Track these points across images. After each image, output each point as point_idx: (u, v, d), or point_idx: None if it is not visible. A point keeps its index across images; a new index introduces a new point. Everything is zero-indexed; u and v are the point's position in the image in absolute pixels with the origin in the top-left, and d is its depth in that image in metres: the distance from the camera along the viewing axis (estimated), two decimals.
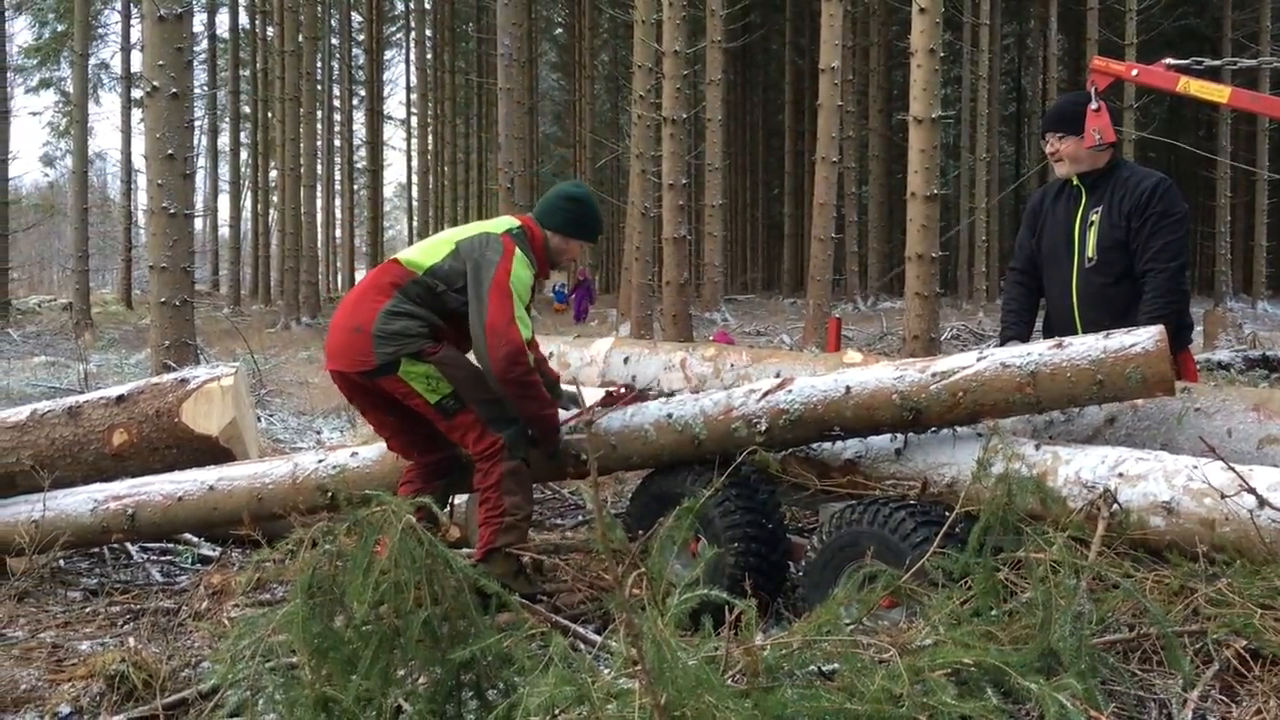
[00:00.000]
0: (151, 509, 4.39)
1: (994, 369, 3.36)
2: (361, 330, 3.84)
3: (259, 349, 15.28)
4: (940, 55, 10.95)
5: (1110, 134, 4.08)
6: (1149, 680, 2.34)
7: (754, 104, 42.20)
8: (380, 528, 2.46)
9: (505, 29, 20.75)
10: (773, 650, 2.39)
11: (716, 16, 20.04)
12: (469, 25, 41.78)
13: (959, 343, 16.63)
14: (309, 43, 26.82)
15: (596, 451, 3.70)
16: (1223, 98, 4.49)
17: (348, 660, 2.49)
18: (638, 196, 17.01)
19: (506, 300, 3.79)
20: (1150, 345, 3.19)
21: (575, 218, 4.18)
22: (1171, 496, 3.01)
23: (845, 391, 3.56)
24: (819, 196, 15.85)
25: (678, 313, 15.34)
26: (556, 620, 3.28)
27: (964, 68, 29.06)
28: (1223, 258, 29.51)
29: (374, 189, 37.90)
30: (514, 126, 21.75)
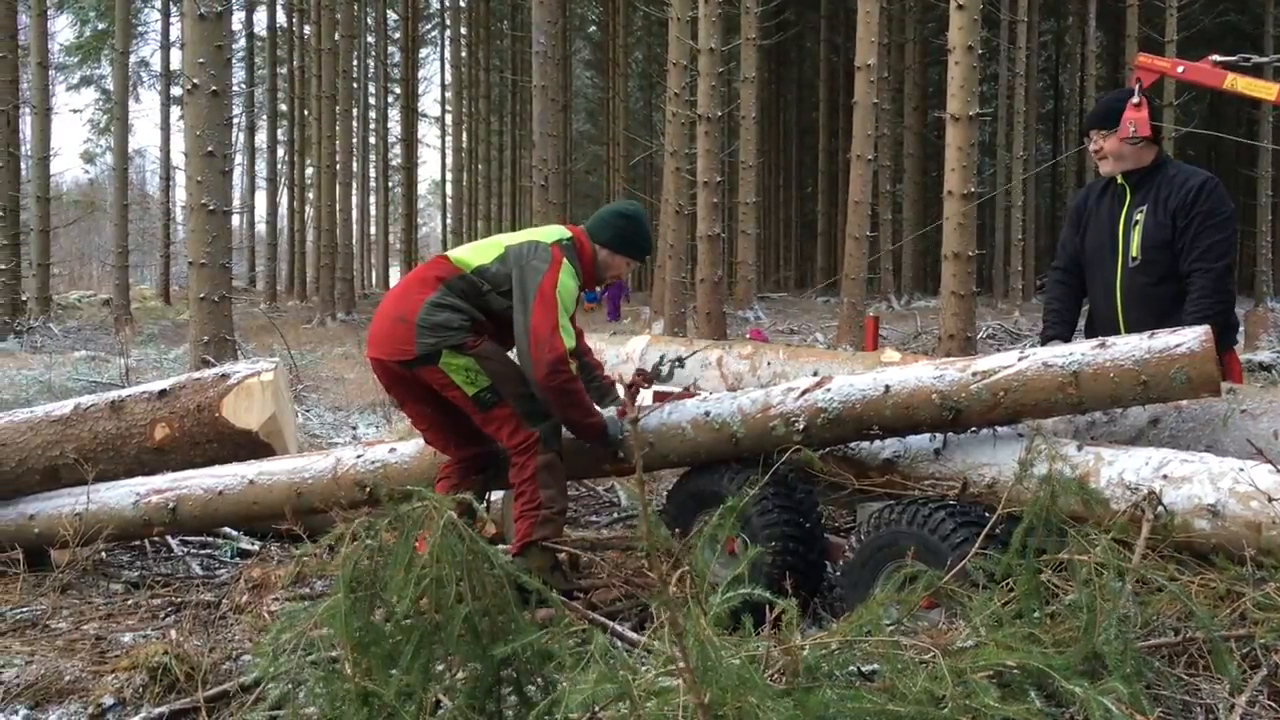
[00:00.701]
0: (192, 503, 4.44)
1: (1036, 368, 3.31)
2: (405, 320, 3.90)
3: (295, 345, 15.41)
4: (978, 52, 10.88)
5: (1146, 128, 4.02)
6: (1195, 685, 2.31)
7: (788, 101, 42.08)
8: (421, 523, 2.47)
9: (540, 26, 20.81)
10: (812, 650, 2.38)
11: (751, 14, 19.99)
12: (504, 23, 41.89)
13: (994, 342, 16.51)
14: (345, 41, 26.98)
15: (641, 449, 3.69)
16: (1270, 94, 4.42)
17: (388, 655, 2.51)
18: (672, 194, 17.00)
19: (551, 309, 3.83)
20: (1196, 345, 3.14)
21: (626, 235, 4.22)
22: (1217, 499, 2.98)
23: (884, 391, 3.52)
24: (854, 194, 15.78)
25: (711, 310, 15.33)
26: (594, 617, 3.28)
27: (1001, 65, 28.82)
28: (1264, 257, 29.11)
29: (408, 186, 38.11)
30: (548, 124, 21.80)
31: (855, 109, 15.79)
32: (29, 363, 13.59)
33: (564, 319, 3.87)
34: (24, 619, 3.98)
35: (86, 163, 47.32)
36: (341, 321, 24.50)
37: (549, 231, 4.15)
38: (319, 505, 4.25)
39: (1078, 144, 30.33)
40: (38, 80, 21.59)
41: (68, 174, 52.61)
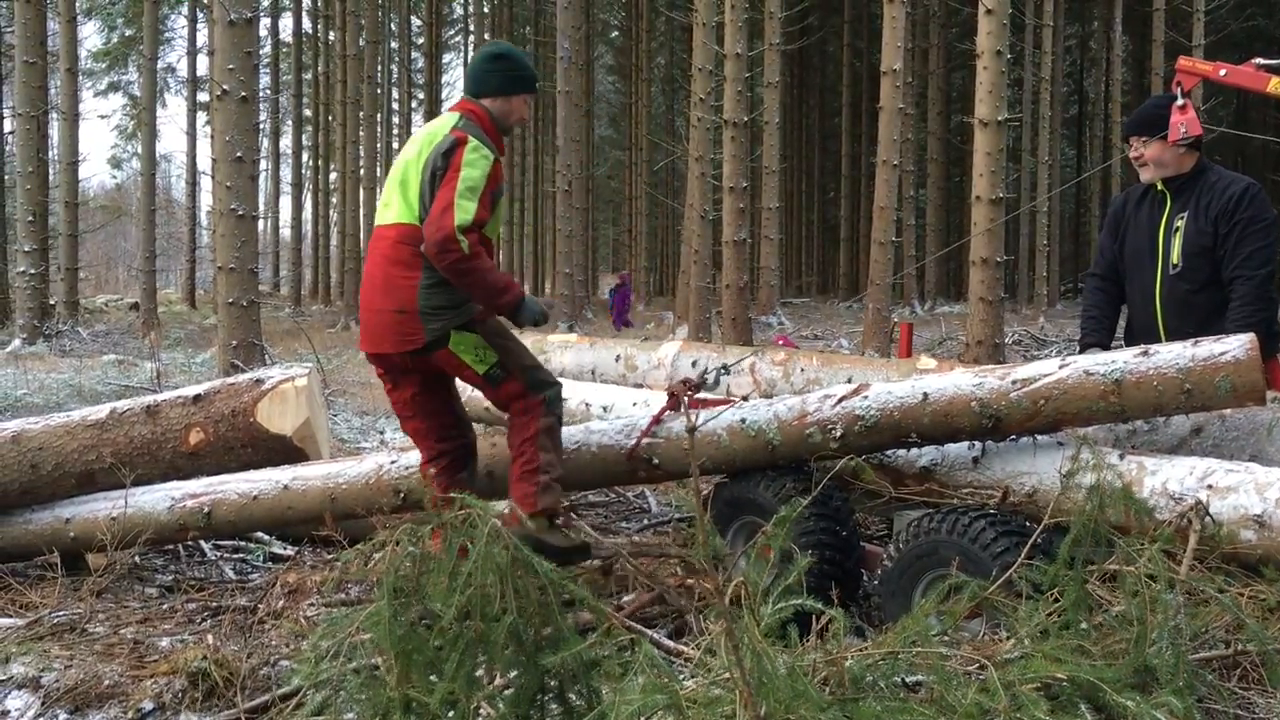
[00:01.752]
0: (227, 507, 4.46)
1: (1077, 376, 3.27)
2: (406, 311, 3.81)
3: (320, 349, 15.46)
4: (1006, 57, 10.83)
5: (1197, 127, 3.99)
6: (1248, 699, 2.28)
7: (810, 107, 42.03)
8: (465, 530, 2.46)
9: (564, 32, 20.88)
10: (857, 660, 2.37)
11: (775, 19, 19.98)
12: (526, 29, 42.00)
13: (1020, 348, 16.42)
14: (370, 46, 27.11)
15: (699, 459, 3.68)
16: None
17: (430, 662, 2.51)
18: (696, 199, 17.00)
19: (449, 188, 3.70)
20: (1241, 354, 3.09)
21: (507, 74, 4.02)
22: (1264, 510, 2.94)
23: (923, 398, 3.49)
24: (879, 200, 15.73)
25: (737, 316, 15.31)
26: (632, 626, 3.27)
27: (1026, 70, 28.70)
28: None
29: None
30: (572, 129, 21.87)
31: (881, 114, 15.74)
32: (58, 366, 13.69)
33: (464, 197, 3.69)
34: (62, 623, 4.00)
35: (113, 168, 47.65)
36: None
37: (442, 123, 3.94)
38: (355, 510, 4.25)
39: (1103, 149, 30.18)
40: (66, 86, 21.75)
41: (95, 179, 53.07)
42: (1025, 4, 27.39)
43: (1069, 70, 38.33)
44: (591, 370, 5.59)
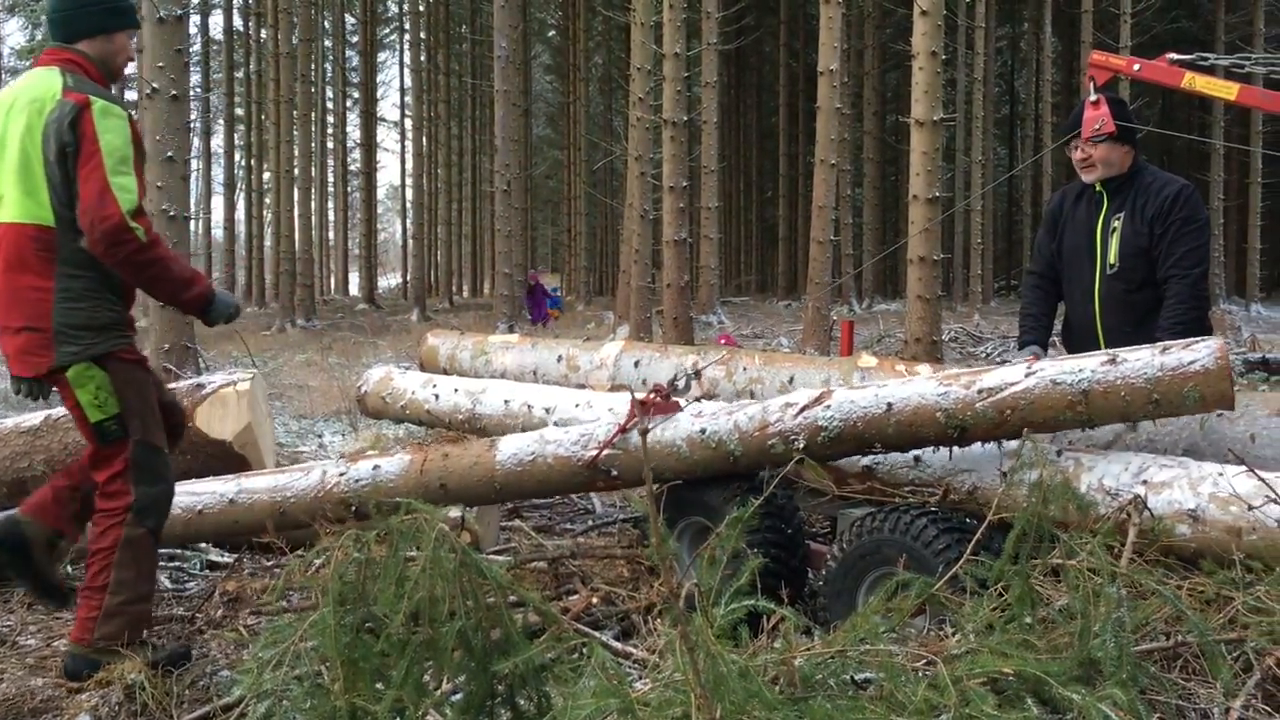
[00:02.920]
0: (171, 521, 4.29)
1: (1044, 386, 3.21)
2: (38, 329, 3.18)
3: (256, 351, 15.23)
4: (941, 58, 10.97)
5: (1110, 124, 4.05)
6: (1189, 690, 2.33)
7: (748, 106, 42.25)
8: (412, 535, 2.43)
9: (502, 31, 20.78)
10: (808, 659, 2.37)
11: (712, 19, 20.04)
12: (463, 27, 41.73)
13: (957, 345, 16.64)
14: (303, 45, 26.76)
15: (650, 463, 3.64)
16: (1230, 94, 4.39)
17: (377, 670, 2.47)
18: (636, 199, 17.00)
19: (96, 170, 3.09)
20: (1210, 363, 3.04)
21: (102, 9, 3.36)
22: (1197, 504, 3.01)
23: (887, 409, 3.42)
24: (818, 199, 15.84)
25: (678, 315, 15.33)
26: (578, 628, 3.25)
27: (959, 70, 29.11)
28: (1217, 260, 29.58)
29: (367, 191, 37.86)
30: (509, 128, 21.77)
31: (818, 114, 15.86)
32: None
33: (117, 174, 3.12)
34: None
35: None
36: (302, 328, 24.27)
37: (43, 85, 3.23)
38: (304, 522, 4.16)
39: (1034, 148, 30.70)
40: None
41: None
42: (958, 5, 27.79)
43: (1000, 71, 38.96)
44: (533, 371, 5.57)
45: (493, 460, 3.96)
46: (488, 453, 4.01)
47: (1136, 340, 3.90)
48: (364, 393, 6.03)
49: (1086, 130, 4.09)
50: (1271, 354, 12.45)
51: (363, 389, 6.06)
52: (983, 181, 27.27)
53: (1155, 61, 4.57)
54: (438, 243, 45.38)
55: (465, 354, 5.99)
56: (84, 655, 3.30)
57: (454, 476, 4.01)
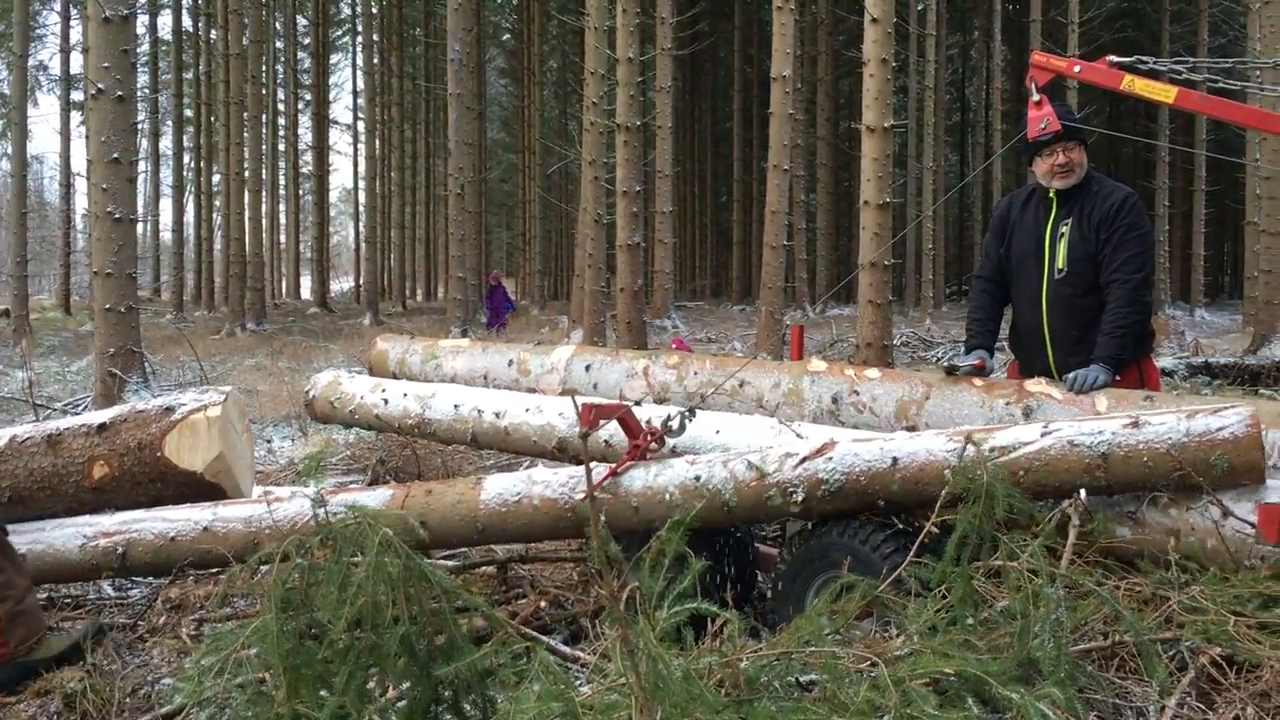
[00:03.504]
0: (143, 548, 4.15)
1: (1060, 447, 3.04)
2: None
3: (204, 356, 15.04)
4: (892, 65, 11.07)
5: (1056, 124, 4.09)
6: (1126, 688, 2.36)
7: (702, 112, 42.40)
8: (356, 541, 2.41)
9: (455, 34, 20.70)
10: (752, 662, 2.39)
11: (666, 24, 20.10)
12: (416, 30, 41.52)
13: (909, 349, 16.79)
14: (254, 46, 26.49)
15: (650, 520, 3.48)
16: (1169, 97, 4.41)
17: (320, 676, 2.45)
18: (590, 203, 17.00)
19: None
20: (1240, 430, 2.88)
21: None
22: (1137, 507, 3.05)
23: (892, 463, 3.24)
24: (771, 204, 15.92)
25: (632, 320, 15.34)
26: (526, 632, 3.24)
27: (910, 78, 29.41)
28: (1162, 266, 30.09)
29: (320, 194, 37.55)
30: (463, 131, 21.68)
31: (771, 119, 15.94)
32: None
33: None
34: None
35: None
36: (252, 332, 24.00)
37: None
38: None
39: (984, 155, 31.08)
40: None
41: None
42: (909, 13, 28.08)
43: (952, 78, 39.40)
44: (484, 375, 5.53)
45: (477, 499, 3.81)
46: (472, 490, 3.85)
47: (1084, 344, 3.98)
48: (312, 397, 5.96)
49: (1032, 130, 4.13)
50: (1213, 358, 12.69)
51: (311, 393, 5.99)
52: (934, 188, 27.56)
53: (1095, 64, 4.59)
54: (391, 246, 45.10)
55: (415, 358, 5.95)
56: (10, 665, 3.30)
57: (435, 514, 3.84)
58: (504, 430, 4.90)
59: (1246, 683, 2.27)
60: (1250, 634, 2.38)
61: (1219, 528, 2.83)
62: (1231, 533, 2.81)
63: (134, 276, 10.45)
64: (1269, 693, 2.21)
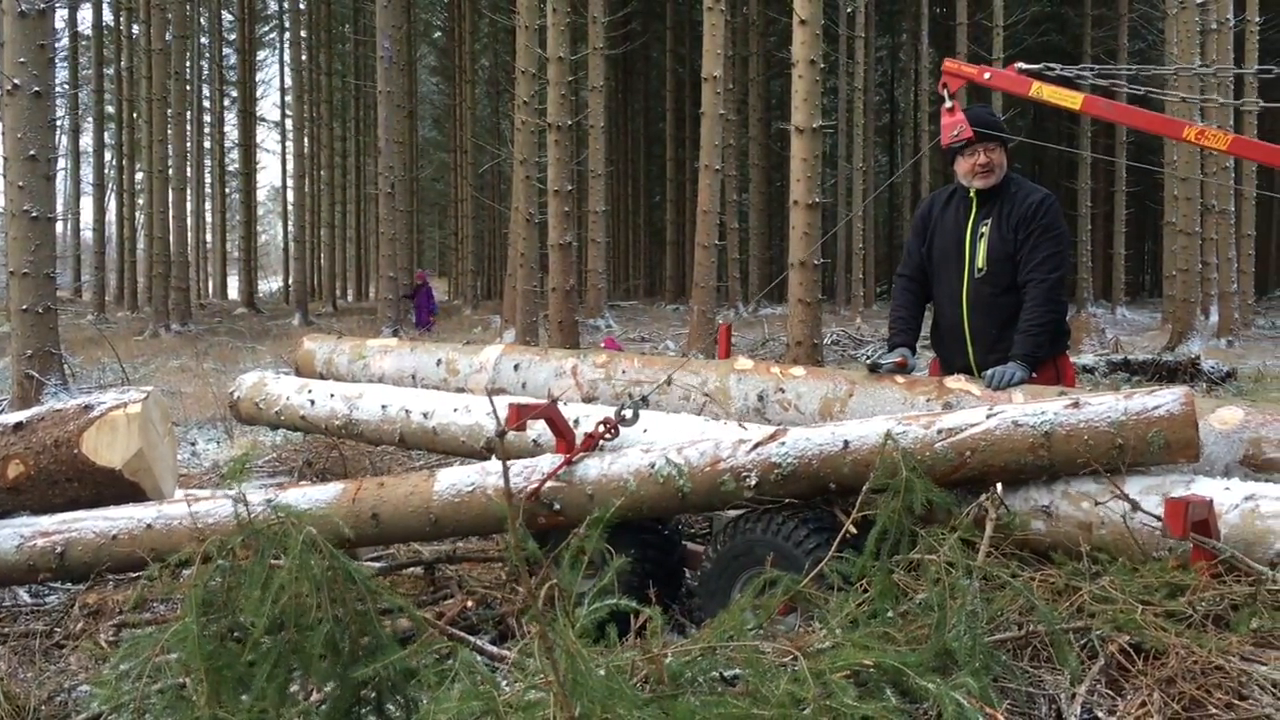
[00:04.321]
0: (83, 548, 4.05)
1: (1005, 427, 3.13)
2: None
3: (127, 357, 14.75)
4: (820, 66, 11.19)
5: (968, 130, 4.18)
6: (1038, 677, 2.42)
7: (635, 111, 42.45)
8: (279, 541, 2.39)
9: (384, 31, 20.51)
10: (676, 657, 2.41)
11: (598, 23, 20.09)
12: (345, 27, 41.01)
13: (839, 348, 16.98)
14: (178, 41, 25.99)
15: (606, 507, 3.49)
16: (1075, 104, 4.52)
17: (241, 678, 2.42)
18: (521, 202, 16.94)
19: None
20: (1175, 408, 2.99)
21: None
22: (1051, 501, 3.13)
23: (843, 446, 3.29)
24: (702, 204, 16.00)
25: (564, 319, 15.32)
26: (452, 632, 3.24)
27: (840, 79, 29.73)
28: (1084, 265, 30.77)
29: (247, 192, 36.96)
30: (394, 130, 21.50)
31: (702, 119, 16.02)
32: None
33: None
34: None
35: None
36: (176, 333, 23.55)
37: None
38: None
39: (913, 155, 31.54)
40: None
41: None
42: (839, 15, 28.39)
43: (881, 80, 39.89)
44: (412, 375, 5.50)
45: (430, 490, 3.78)
46: (425, 483, 3.83)
47: (1002, 342, 4.08)
48: (237, 398, 5.89)
49: (945, 137, 4.21)
50: (1133, 355, 13.02)
51: (236, 395, 5.91)
52: (864, 188, 27.90)
53: (1005, 70, 4.69)
54: (321, 245, 44.51)
55: (343, 358, 5.90)
56: None
57: (388, 506, 3.81)
58: (432, 430, 4.88)
59: (1153, 669, 2.34)
60: (1157, 622, 2.46)
61: (1127, 521, 2.91)
62: (1140, 526, 2.90)
63: (52, 276, 10.21)
64: (1174, 679, 2.28)
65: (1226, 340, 18.88)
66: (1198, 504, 2.70)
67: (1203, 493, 2.84)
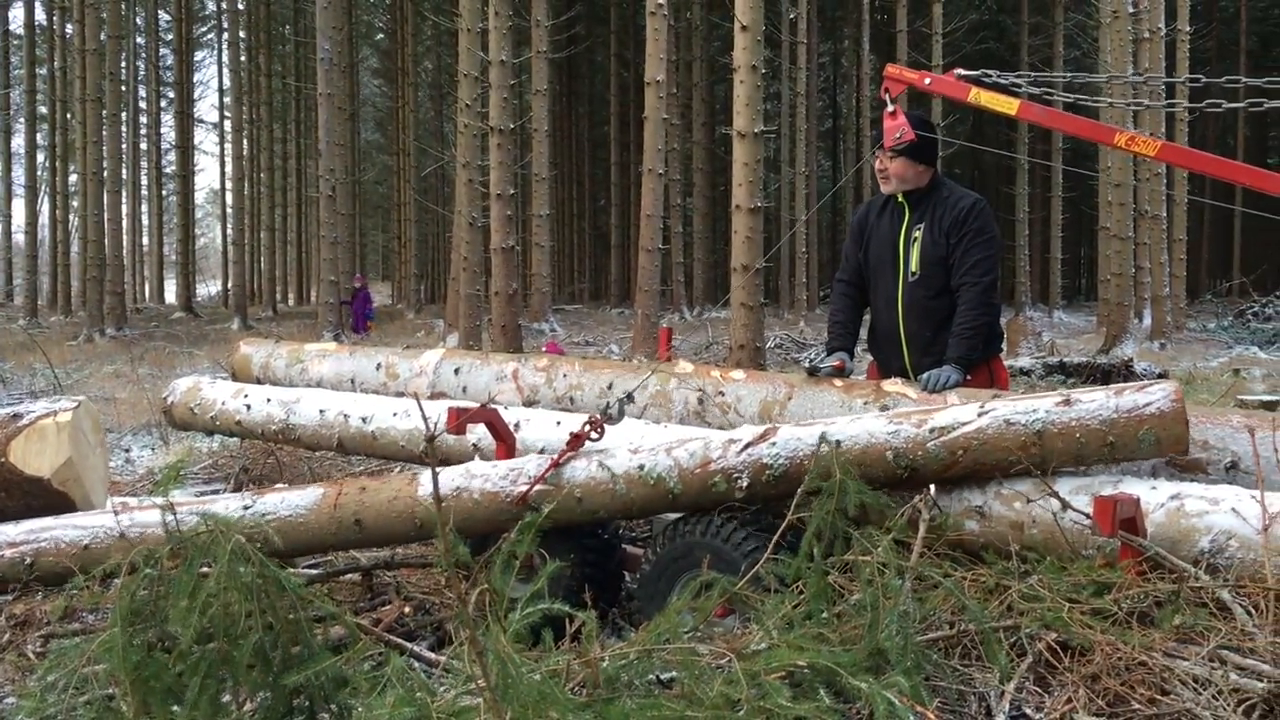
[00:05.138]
0: (54, 557, 3.93)
1: (997, 426, 3.14)
2: None
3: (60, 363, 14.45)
4: (762, 72, 11.25)
5: (910, 133, 4.25)
6: (969, 674, 2.46)
7: (580, 115, 42.42)
8: (208, 550, 2.36)
9: (325, 32, 20.31)
10: (612, 661, 2.41)
11: (542, 27, 20.09)
12: (285, 28, 40.56)
13: (782, 351, 17.09)
14: (113, 41, 25.55)
15: (595, 510, 3.46)
16: (1012, 109, 4.62)
17: (170, 689, 2.38)
18: (464, 206, 16.85)
19: None
20: (1165, 405, 3.01)
21: None
22: (984, 501, 3.18)
23: (835, 447, 3.24)
24: (645, 208, 16.02)
25: (507, 323, 15.26)
26: (391, 639, 3.21)
27: (783, 84, 29.94)
28: (1022, 269, 31.27)
29: (184, 195, 36.37)
30: (335, 132, 21.28)
31: (646, 124, 16.04)
32: None
33: None
34: None
35: None
36: (111, 337, 23.11)
37: None
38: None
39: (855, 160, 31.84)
40: None
41: None
42: (781, 21, 28.60)
43: (823, 85, 40.25)
44: (351, 379, 5.45)
45: (414, 494, 3.71)
46: (409, 486, 3.76)
47: (936, 345, 4.14)
48: (171, 404, 5.79)
49: (888, 139, 4.29)
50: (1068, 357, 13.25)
51: (170, 400, 5.81)
52: (807, 193, 28.11)
53: (944, 76, 4.79)
54: (261, 249, 43.94)
55: (280, 362, 5.82)
56: None
57: (370, 511, 3.73)
58: (371, 435, 4.84)
59: (1079, 666, 2.38)
60: (1084, 619, 2.50)
61: (1058, 520, 2.97)
62: (1070, 525, 2.95)
63: None
64: (1099, 675, 2.33)
65: (1159, 343, 19.30)
66: (1125, 503, 2.76)
67: (1130, 492, 2.90)
